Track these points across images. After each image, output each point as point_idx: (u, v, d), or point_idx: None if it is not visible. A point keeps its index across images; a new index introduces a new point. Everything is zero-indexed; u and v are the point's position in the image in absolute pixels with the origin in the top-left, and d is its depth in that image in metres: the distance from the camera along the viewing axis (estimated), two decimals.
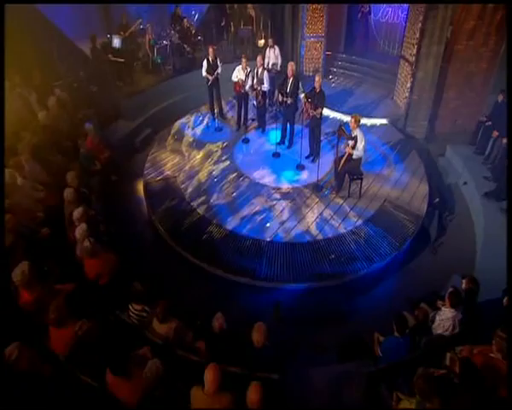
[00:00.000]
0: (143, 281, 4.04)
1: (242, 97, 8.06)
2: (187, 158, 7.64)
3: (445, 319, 3.75)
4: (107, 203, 5.92)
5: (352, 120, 6.00)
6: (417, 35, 7.98)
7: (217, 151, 7.76)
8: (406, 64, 8.74)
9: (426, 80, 8.19)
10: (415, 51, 8.14)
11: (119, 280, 4.12)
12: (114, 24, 10.09)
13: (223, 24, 11.37)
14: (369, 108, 9.19)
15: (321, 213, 6.31)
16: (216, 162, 7.45)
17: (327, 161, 7.31)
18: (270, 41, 8.84)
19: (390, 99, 9.59)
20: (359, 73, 10.91)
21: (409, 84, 8.52)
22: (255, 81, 7.71)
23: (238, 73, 7.82)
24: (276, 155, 7.56)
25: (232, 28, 11.38)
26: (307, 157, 7.42)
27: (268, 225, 6.06)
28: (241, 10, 11.36)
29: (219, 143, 7.97)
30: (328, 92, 7.17)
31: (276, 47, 8.88)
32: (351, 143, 6.09)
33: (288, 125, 7.69)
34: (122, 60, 9.19)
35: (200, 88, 8.83)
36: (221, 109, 8.86)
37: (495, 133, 7.07)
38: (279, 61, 8.93)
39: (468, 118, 8.35)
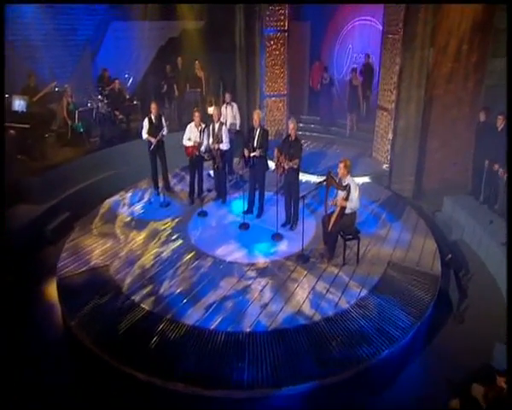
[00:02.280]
0: None
1: (196, 163, 8.01)
2: (123, 241, 7.20)
3: None
4: None
5: (342, 166, 6.00)
6: (395, 79, 8.68)
7: (165, 230, 7.50)
8: (385, 114, 9.34)
9: (408, 129, 8.68)
10: (393, 97, 8.80)
11: None
12: (17, 85, 9.53)
13: (164, 90, 11.78)
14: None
15: (313, 288, 6.00)
16: (164, 243, 7.13)
17: (309, 226, 7.21)
18: (227, 97, 9.12)
19: (368, 157, 10.10)
20: (329, 134, 11.61)
21: (390, 136, 9.07)
22: (211, 140, 7.74)
23: (191, 133, 7.82)
24: (243, 226, 7.42)
25: (176, 93, 11.81)
26: (284, 225, 7.33)
27: (245, 311, 5.60)
28: (186, 71, 11.93)
29: (167, 221, 7.76)
30: None
31: (233, 104, 9.16)
32: (342, 194, 6.01)
33: (257, 187, 7.64)
34: (26, 126, 8.66)
35: (138, 161, 8.76)
36: (167, 182, 8.75)
37: (496, 167, 7.33)
38: (238, 121, 9.15)
39: (454, 169, 8.80)
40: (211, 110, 9.02)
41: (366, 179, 9.11)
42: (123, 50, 12.17)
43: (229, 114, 8.96)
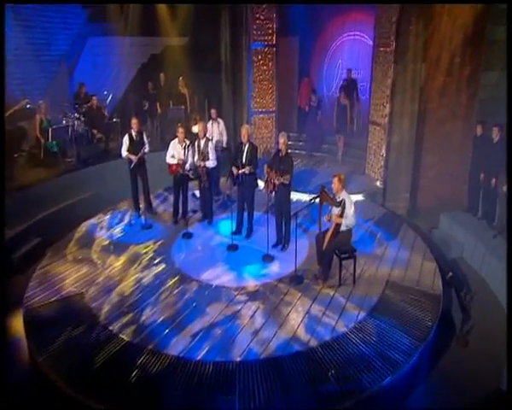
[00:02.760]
0: None
1: (180, 182, 7.91)
2: (100, 267, 6.99)
3: None
4: None
5: (336, 181, 5.96)
6: (387, 92, 8.79)
7: (146, 253, 7.34)
8: (377, 129, 9.40)
9: (402, 144, 8.80)
10: (386, 111, 8.89)
11: None
12: None
13: (146, 108, 11.75)
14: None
15: (308, 311, 5.86)
16: (146, 267, 6.96)
17: (302, 245, 7.12)
18: (213, 113, 9.08)
19: (361, 174, 10.12)
20: (320, 151, 11.65)
21: (383, 151, 9.13)
22: (196, 158, 7.67)
23: (174, 150, 7.74)
24: (232, 247, 7.33)
25: (159, 110, 11.76)
26: (275, 245, 7.25)
27: (234, 339, 5.42)
28: (169, 88, 11.93)
29: (149, 244, 7.61)
30: None
31: (220, 120, 9.13)
32: (337, 210, 5.94)
33: (246, 206, 7.55)
34: None
35: (118, 182, 8.63)
36: (149, 203, 8.61)
37: (493, 181, 7.38)
38: (224, 138, 9.11)
39: (450, 185, 8.88)
40: (195, 129, 9.04)
41: (360, 197, 9.08)
42: (102, 67, 12.15)
43: (216, 130, 8.90)
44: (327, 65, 12.79)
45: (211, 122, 8.92)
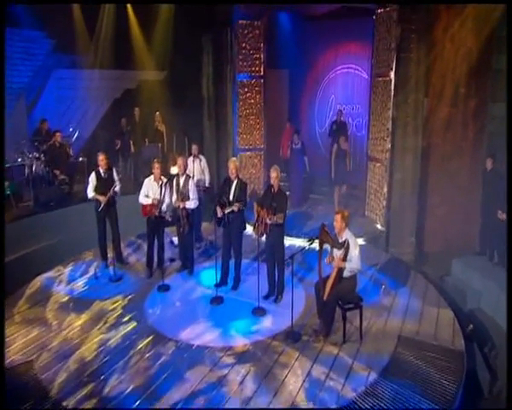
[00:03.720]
0: None
1: (155, 226, 7.67)
2: (56, 328, 6.63)
3: None
4: None
5: (338, 218, 5.79)
6: (388, 125, 8.81)
7: (114, 310, 7.06)
8: (377, 166, 9.42)
9: (405, 183, 8.75)
10: (387, 146, 8.91)
11: None
12: None
13: (118, 147, 11.74)
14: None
15: (308, 374, 5.56)
16: (113, 326, 6.64)
17: (298, 296, 7.00)
18: (193, 149, 9.01)
19: (361, 216, 10.06)
20: (313, 193, 11.60)
21: (385, 190, 9.08)
22: (174, 198, 7.53)
23: (149, 189, 7.59)
24: (216, 300, 7.13)
25: (133, 149, 11.76)
26: (267, 297, 7.09)
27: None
28: (145, 124, 11.93)
29: (118, 298, 7.35)
30: None
31: (201, 157, 9.06)
32: (339, 253, 5.75)
33: (233, 253, 7.38)
34: None
35: (83, 228, 8.50)
36: (119, 251, 8.36)
37: (502, 216, 7.41)
38: (207, 176, 9.03)
39: (459, 227, 8.84)
40: (174, 170, 8.96)
41: (360, 242, 8.63)
42: (68, 102, 12.14)
43: (197, 168, 8.84)
44: (319, 99, 12.98)
45: (191, 159, 8.85)
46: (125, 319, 6.77)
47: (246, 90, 10.86)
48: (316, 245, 5.94)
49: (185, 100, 12.04)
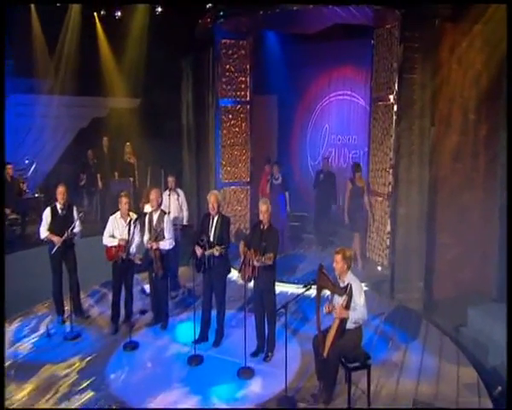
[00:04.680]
0: None
1: (122, 272, 7.35)
2: None
3: None
4: None
5: (339, 258, 5.51)
6: (390, 155, 8.67)
7: (68, 375, 6.64)
8: (379, 200, 9.32)
9: (411, 219, 8.54)
10: (389, 178, 8.76)
11: None
12: None
13: (83, 182, 11.65)
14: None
15: None
16: (65, 396, 6.23)
17: (293, 353, 6.69)
18: (170, 181, 8.81)
19: (361, 258, 9.82)
20: (304, 232, 11.47)
21: (388, 228, 8.90)
22: (146, 237, 7.27)
23: (115, 228, 7.32)
24: (195, 360, 6.78)
25: (100, 184, 11.62)
26: (255, 354, 6.78)
27: None
28: (114, 157, 11.86)
29: (74, 361, 6.93)
30: None
31: (179, 191, 8.88)
32: (341, 300, 5.44)
33: (215, 302, 7.11)
34: None
35: (35, 277, 8.19)
36: (78, 303, 8.03)
37: None
38: (185, 213, 8.86)
39: (472, 269, 8.71)
40: (148, 208, 8.90)
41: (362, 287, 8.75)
42: (25, 131, 12.03)
43: (174, 203, 8.65)
44: (311, 129, 12.95)
45: (167, 193, 8.68)
46: (82, 386, 6.37)
47: (230, 116, 10.79)
48: (313, 291, 5.67)
49: (162, 129, 12.11)
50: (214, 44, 10.27)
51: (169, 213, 8.15)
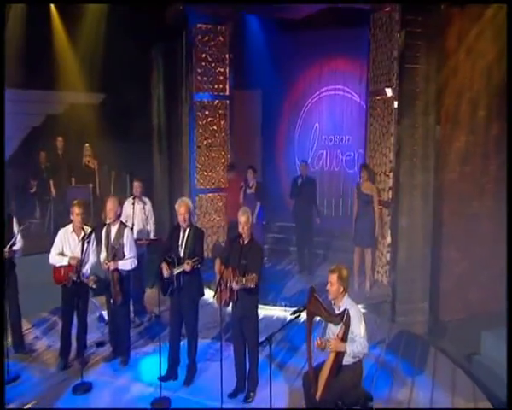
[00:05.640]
0: None
1: (74, 297, 6.98)
2: None
3: None
4: None
5: (334, 279, 5.15)
6: (390, 156, 8.61)
7: None
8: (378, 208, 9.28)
9: (414, 229, 8.45)
10: (389, 183, 8.69)
11: None
12: None
13: (33, 190, 11.45)
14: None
15: None
16: None
17: (279, 392, 6.29)
18: (135, 186, 8.47)
19: (357, 276, 9.61)
20: (291, 245, 11.22)
21: (388, 240, 8.84)
22: (103, 256, 6.91)
23: (65, 244, 6.93)
24: (160, 403, 6.43)
25: (53, 192, 11.30)
26: (234, 395, 6.45)
27: None
28: (71, 160, 11.63)
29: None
30: None
31: (146, 200, 8.55)
32: (337, 330, 5.12)
33: (185, 331, 6.80)
34: None
35: None
36: (19, 335, 7.65)
37: None
38: (151, 225, 8.60)
39: (482, 287, 8.72)
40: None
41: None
42: None
43: (139, 214, 8.34)
44: (299, 129, 12.83)
45: (131, 201, 8.35)
46: None
47: (206, 113, 10.62)
48: (303, 315, 5.31)
49: (128, 128, 11.71)
50: (187, 30, 10.06)
51: (133, 225, 7.98)
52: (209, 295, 7.16)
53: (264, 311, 8.29)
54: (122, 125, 11.70)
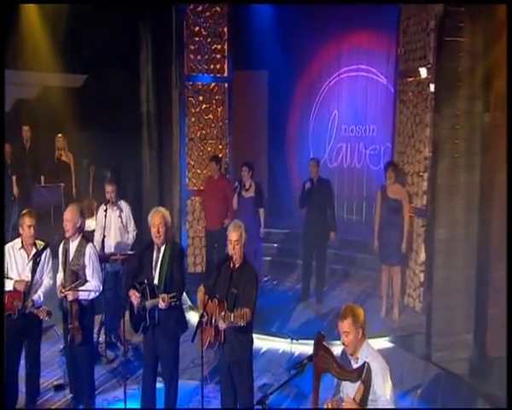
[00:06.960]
0: None
1: (22, 330, 6.45)
2: None
3: None
4: None
5: (346, 325, 4.55)
6: (426, 153, 8.41)
7: None
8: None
9: (455, 244, 8.03)
10: (424, 187, 8.51)
11: None
12: None
13: None
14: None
15: None
16: None
17: None
18: (108, 190, 8.20)
19: (381, 297, 9.38)
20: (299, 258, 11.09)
21: (422, 257, 8.63)
22: (59, 279, 6.43)
23: (12, 266, 6.44)
24: None
25: (16, 191, 11.07)
26: None
27: None
28: (41, 153, 11.54)
29: None
30: None
31: (123, 204, 8.37)
32: (352, 389, 4.53)
33: (162, 373, 6.43)
34: None
35: None
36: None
37: None
38: (130, 235, 8.42)
39: None
40: (92, 225, 8.61)
41: (383, 344, 8.30)
42: None
43: (114, 223, 8.15)
44: (315, 117, 12.78)
45: (104, 208, 8.02)
46: None
47: (201, 99, 10.45)
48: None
49: (112, 116, 11.46)
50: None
51: (104, 237, 7.75)
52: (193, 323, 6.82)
53: (266, 342, 8.19)
54: (105, 112, 11.50)
